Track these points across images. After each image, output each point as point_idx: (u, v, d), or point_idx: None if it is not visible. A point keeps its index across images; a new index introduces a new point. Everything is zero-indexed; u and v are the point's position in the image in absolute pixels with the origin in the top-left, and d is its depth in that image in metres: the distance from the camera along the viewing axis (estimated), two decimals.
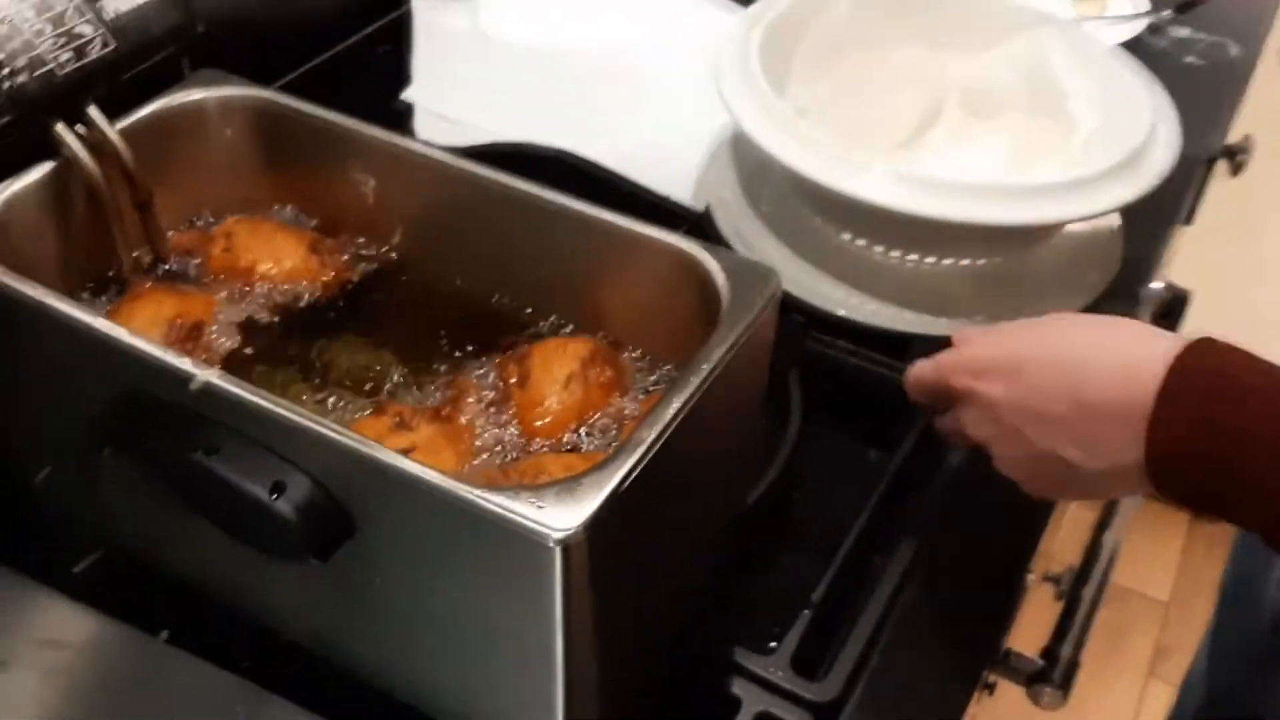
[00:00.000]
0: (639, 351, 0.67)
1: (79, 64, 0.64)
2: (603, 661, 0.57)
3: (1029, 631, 0.80)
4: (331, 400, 0.65)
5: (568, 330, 0.68)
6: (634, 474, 0.51)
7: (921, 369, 0.69)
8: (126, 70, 0.67)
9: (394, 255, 0.71)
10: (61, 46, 0.63)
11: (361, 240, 0.72)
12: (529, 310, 0.69)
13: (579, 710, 0.56)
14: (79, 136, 0.64)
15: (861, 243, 0.89)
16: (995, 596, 0.74)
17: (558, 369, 0.63)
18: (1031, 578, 0.76)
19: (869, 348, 0.85)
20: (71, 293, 0.67)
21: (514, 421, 0.63)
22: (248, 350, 0.67)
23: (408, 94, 1.01)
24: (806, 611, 0.70)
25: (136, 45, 0.67)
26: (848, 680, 0.66)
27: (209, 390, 0.54)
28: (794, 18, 0.94)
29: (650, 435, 0.52)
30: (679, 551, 0.62)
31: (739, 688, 0.66)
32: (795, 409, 0.81)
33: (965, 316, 0.87)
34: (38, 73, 0.62)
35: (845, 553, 0.73)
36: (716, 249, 0.62)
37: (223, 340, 0.67)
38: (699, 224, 0.92)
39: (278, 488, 0.53)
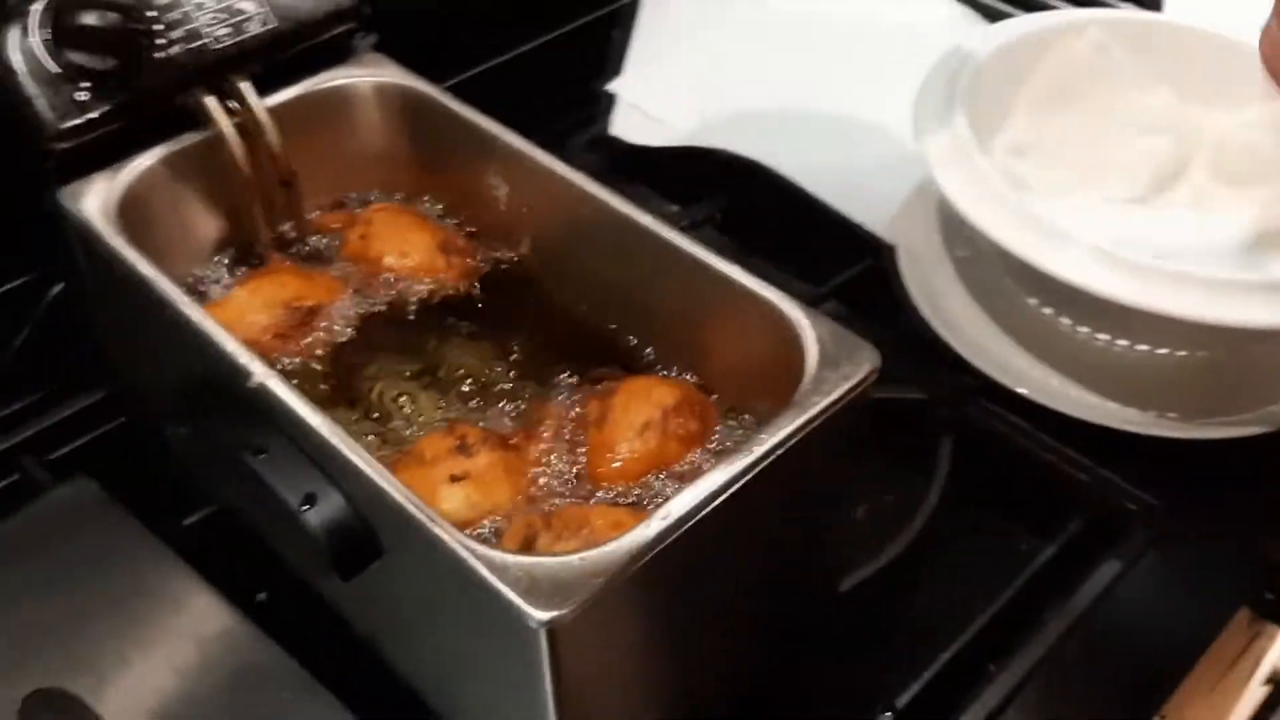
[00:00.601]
0: (734, 409, 0.62)
1: (236, 39, 0.65)
2: None
3: None
4: (424, 402, 0.64)
5: (668, 372, 0.64)
6: (649, 556, 0.47)
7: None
8: (284, 49, 0.67)
9: (519, 265, 0.70)
10: (220, 21, 0.64)
11: (492, 245, 0.70)
12: (635, 343, 0.66)
13: None
14: (228, 111, 0.66)
15: (1061, 318, 0.80)
16: None
17: (636, 413, 0.59)
18: None
19: (1042, 428, 0.76)
20: (207, 260, 0.69)
21: (583, 462, 0.60)
22: (359, 341, 0.67)
23: (614, 85, 0.98)
24: (889, 715, 0.64)
25: (297, 25, 0.67)
26: None
27: (264, 391, 0.54)
28: (1028, 45, 0.84)
29: (673, 514, 0.48)
30: (726, 635, 0.57)
31: None
32: (936, 484, 0.74)
33: (1165, 410, 0.77)
34: (193, 45, 0.64)
35: (949, 657, 0.66)
36: (819, 318, 0.56)
37: (337, 328, 0.67)
38: (883, 262, 0.86)
39: (309, 500, 0.52)
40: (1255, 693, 0.94)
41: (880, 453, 0.78)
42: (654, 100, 0.97)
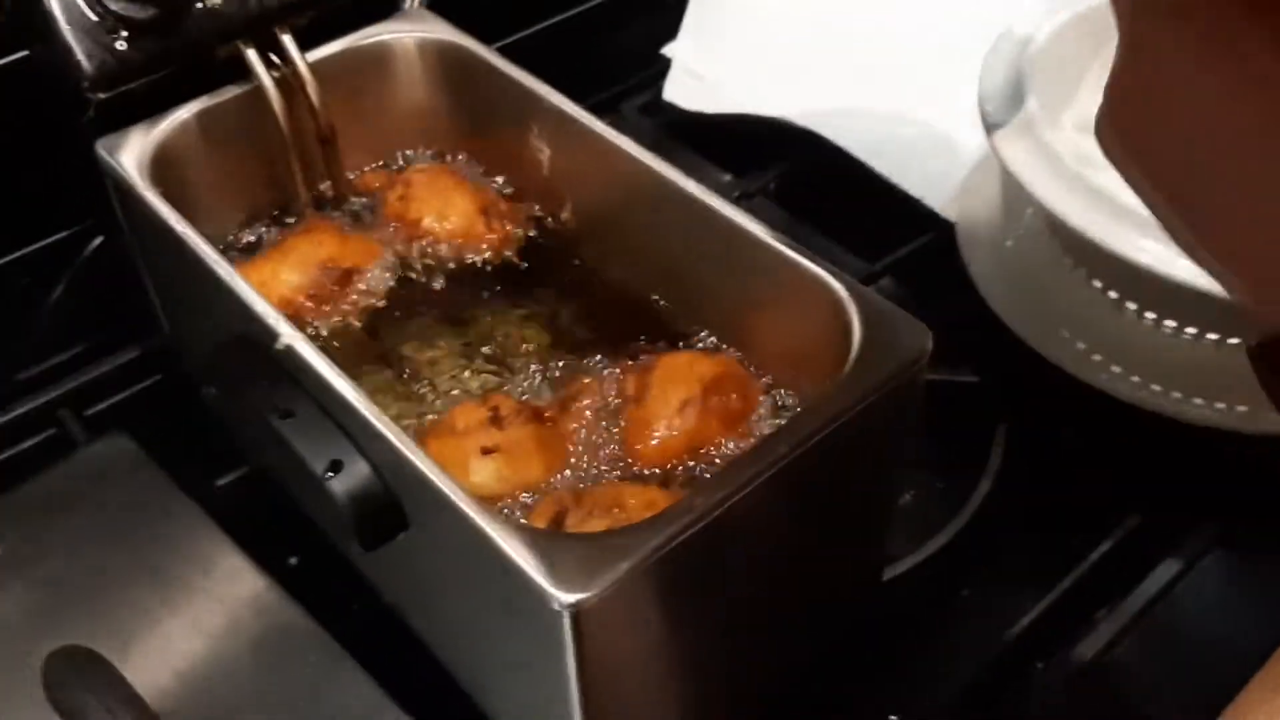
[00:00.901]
0: (777, 386, 0.60)
1: None
2: None
3: None
4: (458, 369, 0.63)
5: (709, 347, 0.62)
6: (682, 538, 0.45)
7: None
8: (329, 2, 0.65)
9: (560, 230, 0.68)
10: None
11: (533, 209, 0.68)
12: (677, 316, 0.63)
13: None
14: (269, 65, 0.64)
15: (1126, 303, 0.76)
16: None
17: (676, 390, 0.57)
18: None
19: (1102, 417, 0.73)
20: (245, 217, 0.67)
21: (619, 439, 0.58)
22: (395, 304, 0.66)
23: (670, 49, 0.96)
24: (928, 707, 0.61)
25: None
26: None
27: (291, 353, 0.52)
28: (1102, 16, 0.80)
29: (708, 497, 0.46)
30: (761, 625, 0.55)
31: None
32: (989, 473, 0.71)
33: (1234, 403, 0.73)
34: None
35: (995, 655, 0.64)
36: (867, 294, 0.53)
37: (373, 290, 0.66)
38: (941, 239, 0.83)
39: (335, 466, 0.51)
40: None
41: (931, 437, 0.76)
42: (709, 65, 0.94)
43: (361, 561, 0.63)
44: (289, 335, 0.52)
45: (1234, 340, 0.74)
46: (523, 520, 0.53)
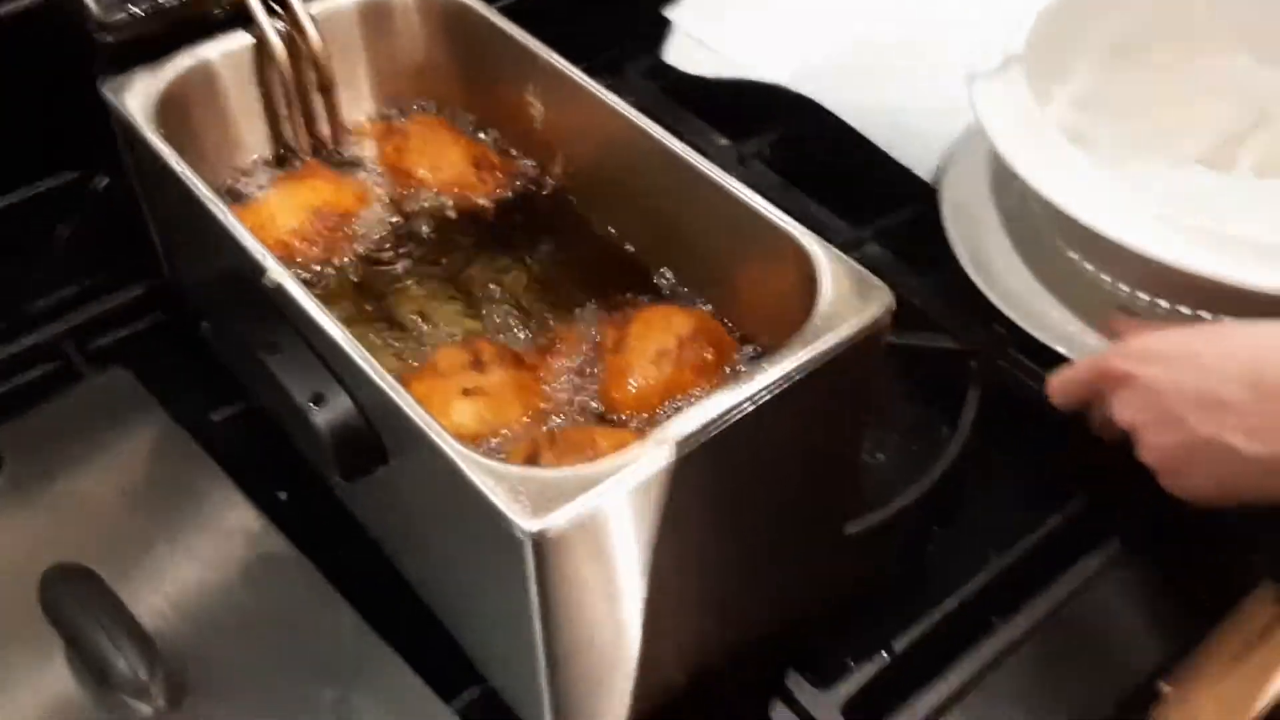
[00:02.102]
0: (752, 340, 0.62)
1: None
2: (598, 656, 0.54)
3: None
4: (445, 314, 0.65)
5: (689, 302, 0.64)
6: (644, 476, 0.47)
7: (1075, 369, 0.66)
8: None
9: (551, 185, 0.69)
10: None
11: (525, 163, 0.70)
12: (659, 270, 0.65)
13: (570, 698, 0.54)
14: (272, 13, 0.66)
15: (1102, 275, 0.77)
16: (1112, 690, 0.64)
17: (652, 340, 0.59)
18: (1169, 690, 0.66)
19: None
20: (246, 162, 0.70)
21: (597, 387, 0.60)
22: (386, 250, 0.68)
23: (670, 10, 0.97)
24: (884, 655, 0.64)
25: None
26: None
27: (280, 291, 0.55)
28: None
29: (670, 437, 0.48)
30: (724, 566, 0.57)
31: (778, 715, 0.62)
32: (959, 436, 0.73)
33: None
34: None
35: (954, 605, 0.66)
36: (837, 255, 0.55)
37: (365, 236, 0.68)
38: (929, 208, 0.84)
39: (317, 399, 0.53)
40: None
41: (906, 401, 0.78)
42: (710, 29, 0.95)
43: (346, 496, 0.66)
44: (278, 273, 0.54)
45: (1206, 316, 0.76)
46: (493, 455, 0.55)
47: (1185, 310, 0.75)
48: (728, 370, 0.60)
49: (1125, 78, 0.83)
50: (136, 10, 0.63)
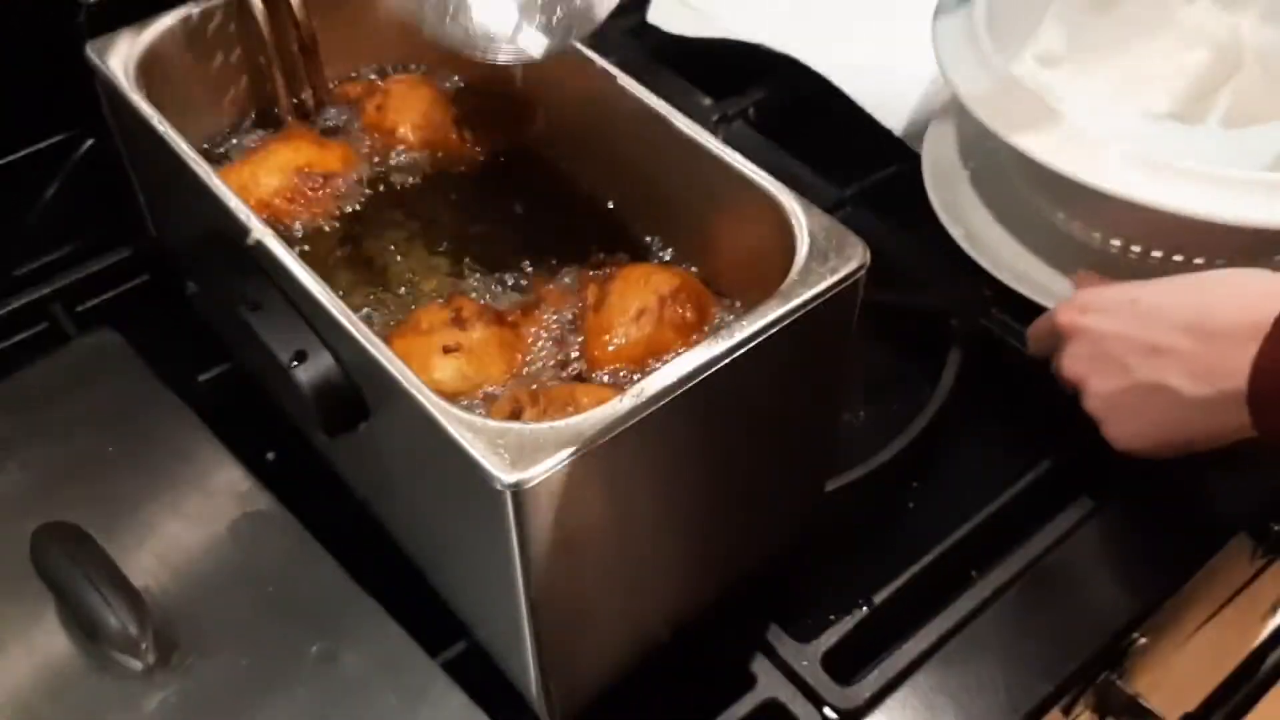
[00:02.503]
0: (732, 298, 0.62)
1: None
2: (580, 609, 0.55)
3: None
4: (426, 273, 0.65)
5: (669, 259, 0.65)
6: (621, 429, 0.48)
7: (1040, 319, 0.69)
8: None
9: (534, 144, 0.70)
10: None
11: (507, 121, 0.70)
12: (639, 229, 0.66)
13: (553, 649, 0.55)
14: None
15: (1074, 222, 0.78)
16: (1088, 641, 0.65)
17: (633, 299, 0.60)
18: (1143, 642, 0.67)
19: None
20: (230, 122, 0.70)
21: (579, 345, 0.61)
22: (368, 209, 0.68)
23: None
24: (864, 608, 0.65)
25: None
26: (878, 692, 0.61)
27: (261, 249, 0.55)
28: None
29: (647, 391, 0.49)
30: (704, 520, 0.58)
31: (758, 667, 0.63)
32: (940, 393, 0.74)
33: None
34: None
35: (933, 558, 0.67)
36: (813, 210, 0.56)
37: (348, 196, 0.68)
38: (912, 168, 0.85)
39: (299, 357, 0.54)
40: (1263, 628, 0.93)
41: (892, 358, 0.79)
42: None
43: (331, 454, 0.66)
44: (259, 231, 0.55)
45: (1178, 259, 0.75)
46: (473, 411, 0.56)
47: (1157, 255, 0.75)
48: (708, 328, 0.61)
49: (1096, 26, 0.82)
50: None
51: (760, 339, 0.51)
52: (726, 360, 0.50)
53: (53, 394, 0.70)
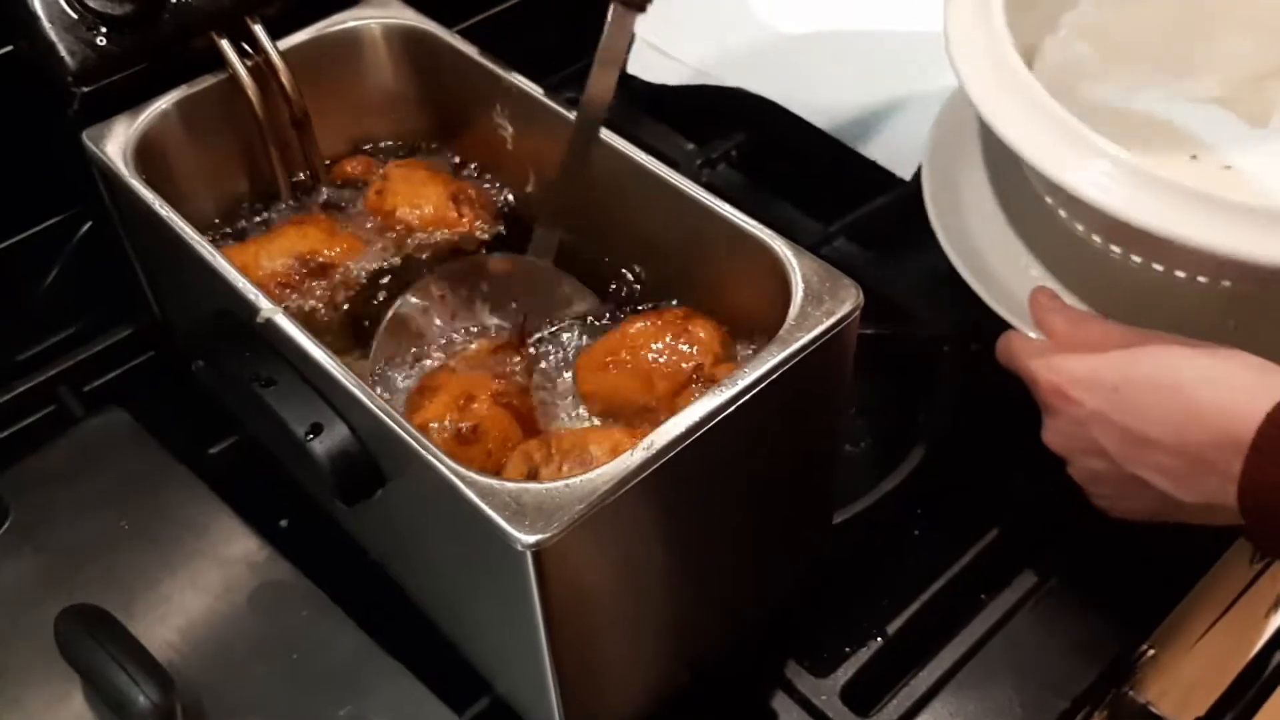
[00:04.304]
0: (734, 340, 0.64)
1: None
2: (603, 659, 0.56)
3: None
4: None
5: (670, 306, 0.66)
6: (634, 482, 0.49)
7: (1009, 359, 0.65)
8: None
9: (528, 208, 0.71)
10: None
11: (506, 195, 0.72)
12: (635, 279, 0.67)
13: (578, 700, 0.56)
14: (241, 54, 0.67)
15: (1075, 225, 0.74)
16: (1099, 656, 0.66)
17: (636, 345, 0.61)
18: (1152, 653, 0.68)
19: None
20: (229, 203, 0.71)
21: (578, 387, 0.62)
22: (374, 285, 0.69)
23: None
24: (878, 639, 0.66)
25: None
26: None
27: (271, 326, 0.56)
28: None
29: (656, 443, 0.50)
30: (719, 562, 0.59)
31: (779, 704, 0.64)
32: (938, 416, 0.75)
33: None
34: None
35: (942, 584, 0.68)
36: (805, 255, 0.57)
37: (353, 278, 0.69)
38: (899, 199, 0.86)
39: (315, 429, 0.55)
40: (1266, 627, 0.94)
41: (887, 388, 0.80)
42: (670, 38, 0.97)
43: (347, 521, 0.68)
44: (269, 309, 0.56)
45: (1202, 278, 0.72)
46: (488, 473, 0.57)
47: (1159, 268, 0.72)
48: (707, 370, 0.62)
49: (1140, 8, 0.77)
50: (111, 60, 0.65)
51: (762, 385, 0.53)
52: (731, 409, 0.52)
53: (65, 475, 0.71)
